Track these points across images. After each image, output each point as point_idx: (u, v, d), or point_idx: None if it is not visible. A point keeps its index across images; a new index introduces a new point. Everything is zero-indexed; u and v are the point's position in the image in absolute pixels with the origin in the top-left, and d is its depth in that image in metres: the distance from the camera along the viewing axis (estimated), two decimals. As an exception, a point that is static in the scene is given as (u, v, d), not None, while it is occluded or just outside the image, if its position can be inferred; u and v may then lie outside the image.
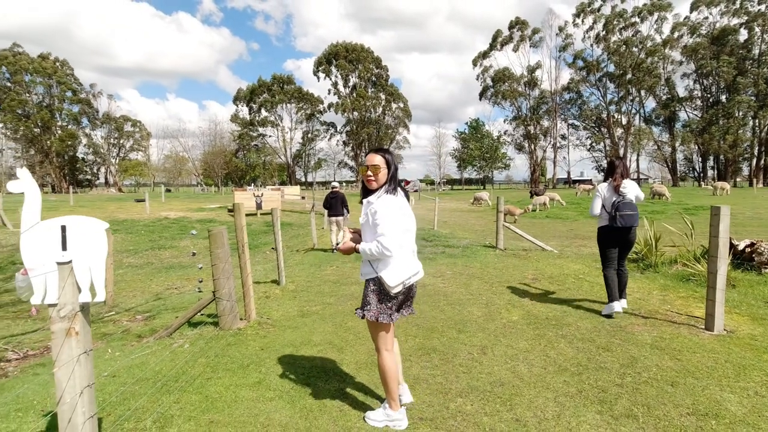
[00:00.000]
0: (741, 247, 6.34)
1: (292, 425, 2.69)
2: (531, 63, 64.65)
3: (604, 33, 58.02)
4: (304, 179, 76.82)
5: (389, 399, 2.67)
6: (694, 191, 35.37)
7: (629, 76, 56.63)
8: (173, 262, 12.66)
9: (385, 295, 2.53)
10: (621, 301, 4.75)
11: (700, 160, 59.69)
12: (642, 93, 58.68)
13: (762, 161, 52.97)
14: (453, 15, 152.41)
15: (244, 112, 73.81)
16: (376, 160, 2.55)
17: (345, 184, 59.02)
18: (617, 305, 4.63)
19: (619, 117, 61.12)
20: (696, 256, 6.33)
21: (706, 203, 20.51)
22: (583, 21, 59.77)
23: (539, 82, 64.85)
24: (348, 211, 10.59)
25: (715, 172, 58.27)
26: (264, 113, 73.29)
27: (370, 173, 2.54)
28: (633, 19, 56.73)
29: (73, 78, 66.24)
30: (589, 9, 58.95)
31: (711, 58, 51.98)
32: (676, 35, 55.25)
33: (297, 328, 4.68)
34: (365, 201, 2.59)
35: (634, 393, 2.96)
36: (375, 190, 2.57)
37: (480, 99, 68.91)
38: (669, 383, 3.08)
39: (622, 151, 59.94)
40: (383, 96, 71.74)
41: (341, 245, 2.68)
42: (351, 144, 73.07)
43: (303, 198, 33.41)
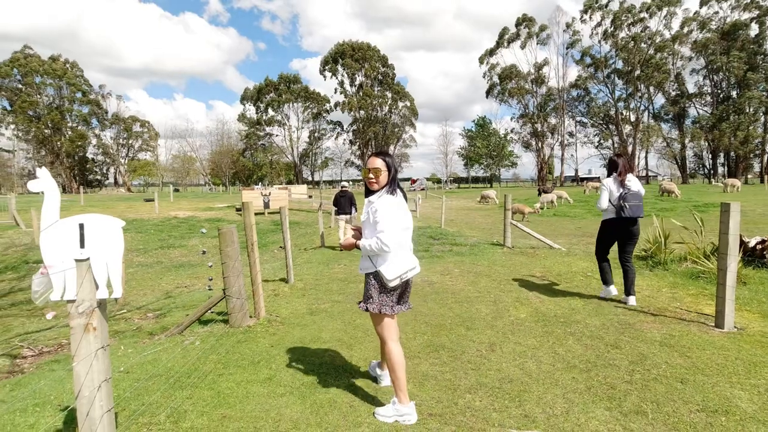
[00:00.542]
0: (752, 245, 6.29)
1: (302, 420, 2.73)
2: (538, 60, 64.26)
3: (612, 29, 57.48)
4: (311, 178, 77.06)
5: (398, 392, 2.69)
6: (704, 188, 34.99)
7: (638, 72, 56.06)
8: (183, 260, 12.79)
9: (384, 288, 2.69)
10: (629, 298, 4.90)
11: (710, 156, 59.01)
12: (651, 89, 58.06)
13: (774, 158, 52.29)
14: (460, 13, 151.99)
15: (251, 111, 74.12)
16: (377, 163, 2.72)
17: (354, 183, 58.98)
18: (614, 288, 5.12)
19: (628, 114, 60.54)
20: (706, 253, 6.28)
21: (716, 200, 20.28)
22: (591, 17, 59.24)
23: (546, 79, 64.43)
24: (356, 210, 10.71)
25: (726, 168, 57.56)
26: (271, 112, 73.52)
27: (371, 175, 2.71)
28: (641, 15, 56.12)
29: (83, 79, 66.88)
30: (597, 5, 58.39)
31: (721, 53, 51.30)
32: (685, 30, 54.58)
33: (306, 325, 4.72)
34: (366, 200, 2.77)
35: (643, 390, 2.96)
36: (377, 190, 2.73)
37: (487, 97, 68.62)
38: (678, 380, 3.07)
39: (630, 149, 59.42)
40: (389, 95, 71.62)
41: (342, 241, 2.89)
42: (357, 143, 73.07)
43: (310, 197, 33.52)
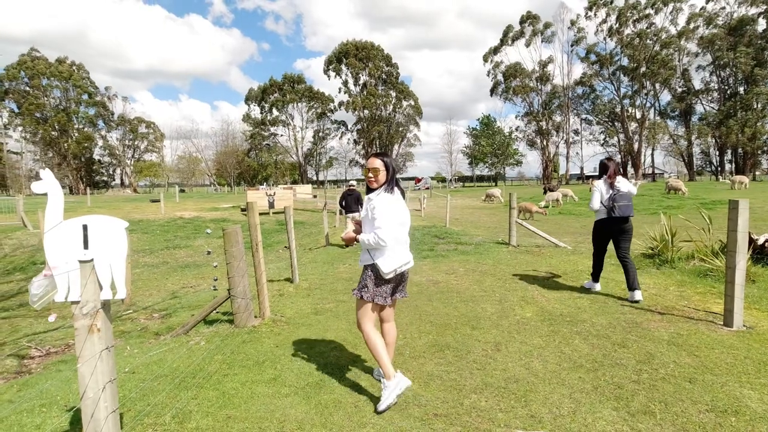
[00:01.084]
0: (761, 242, 6.21)
1: (307, 421, 2.72)
2: (543, 58, 64.04)
3: (617, 26, 57.13)
4: (315, 178, 77.16)
5: (383, 370, 2.88)
6: (711, 186, 34.68)
7: (643, 69, 55.67)
8: (188, 261, 12.84)
9: (380, 280, 2.88)
10: (633, 293, 4.97)
11: (717, 153, 58.50)
12: (657, 86, 57.64)
13: (782, 154, 51.76)
14: (463, 11, 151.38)
15: (255, 111, 74.32)
16: (376, 163, 2.92)
17: (360, 182, 59.04)
18: (599, 286, 5.47)
19: (634, 111, 60.16)
20: (714, 251, 6.21)
21: (724, 198, 20.09)
22: (596, 14, 58.91)
23: (551, 77, 64.15)
24: (362, 208, 10.78)
25: (733, 165, 57.03)
26: (275, 113, 73.69)
27: (371, 175, 2.91)
28: (647, 11, 55.73)
29: (89, 81, 67.32)
30: (602, 1, 58.04)
31: (728, 49, 50.81)
32: (691, 26, 54.12)
33: (311, 325, 4.72)
34: (366, 198, 2.99)
35: (651, 389, 2.93)
36: (376, 188, 2.93)
37: (491, 95, 68.50)
38: (687, 380, 3.04)
39: (636, 146, 59.04)
40: (394, 94, 71.57)
41: (343, 234, 3.08)
42: (362, 142, 73.08)
43: (315, 197, 33.56)
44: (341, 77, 71.48)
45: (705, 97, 56.96)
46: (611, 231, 5.16)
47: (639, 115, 59.67)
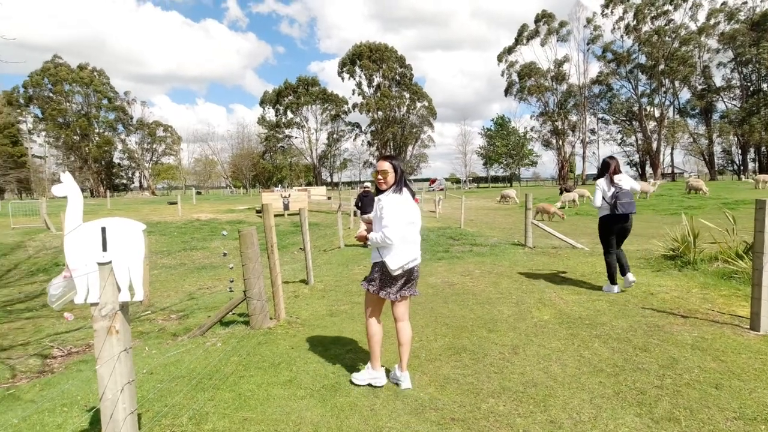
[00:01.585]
0: (788, 243, 6.01)
1: (323, 424, 2.71)
2: (558, 57, 63.17)
3: (634, 23, 56.04)
4: (330, 180, 77.50)
5: (371, 359, 3.19)
6: (733, 185, 33.81)
7: (662, 66, 54.50)
8: (205, 262, 13.01)
9: (389, 277, 3.02)
10: (627, 276, 5.36)
11: (739, 152, 56.92)
12: (676, 84, 56.38)
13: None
14: (476, 11, 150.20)
15: (270, 114, 75.01)
16: (384, 166, 3.06)
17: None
18: (617, 288, 5.39)
19: (652, 109, 58.92)
20: (738, 252, 6.03)
21: (747, 197, 19.54)
22: (613, 11, 57.86)
23: (567, 76, 63.26)
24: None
25: (757, 164, 55.43)
26: (290, 115, 74.28)
27: (380, 177, 3.05)
28: (665, 7, 54.54)
29: (109, 86, 68.86)
30: (619, -1, 57.09)
31: (750, 44, 49.40)
32: (712, 22, 52.78)
33: (326, 327, 4.72)
34: (376, 199, 3.12)
35: (675, 395, 2.84)
36: (385, 189, 3.05)
37: (505, 95, 67.79)
38: (713, 385, 2.94)
39: (655, 145, 57.85)
40: (407, 95, 71.52)
41: (357, 233, 3.25)
42: (376, 144, 73.16)
43: (329, 198, 33.70)
44: (355, 79, 71.75)
45: (726, 95, 55.49)
46: (614, 227, 5.37)
47: (657, 114, 58.42)
